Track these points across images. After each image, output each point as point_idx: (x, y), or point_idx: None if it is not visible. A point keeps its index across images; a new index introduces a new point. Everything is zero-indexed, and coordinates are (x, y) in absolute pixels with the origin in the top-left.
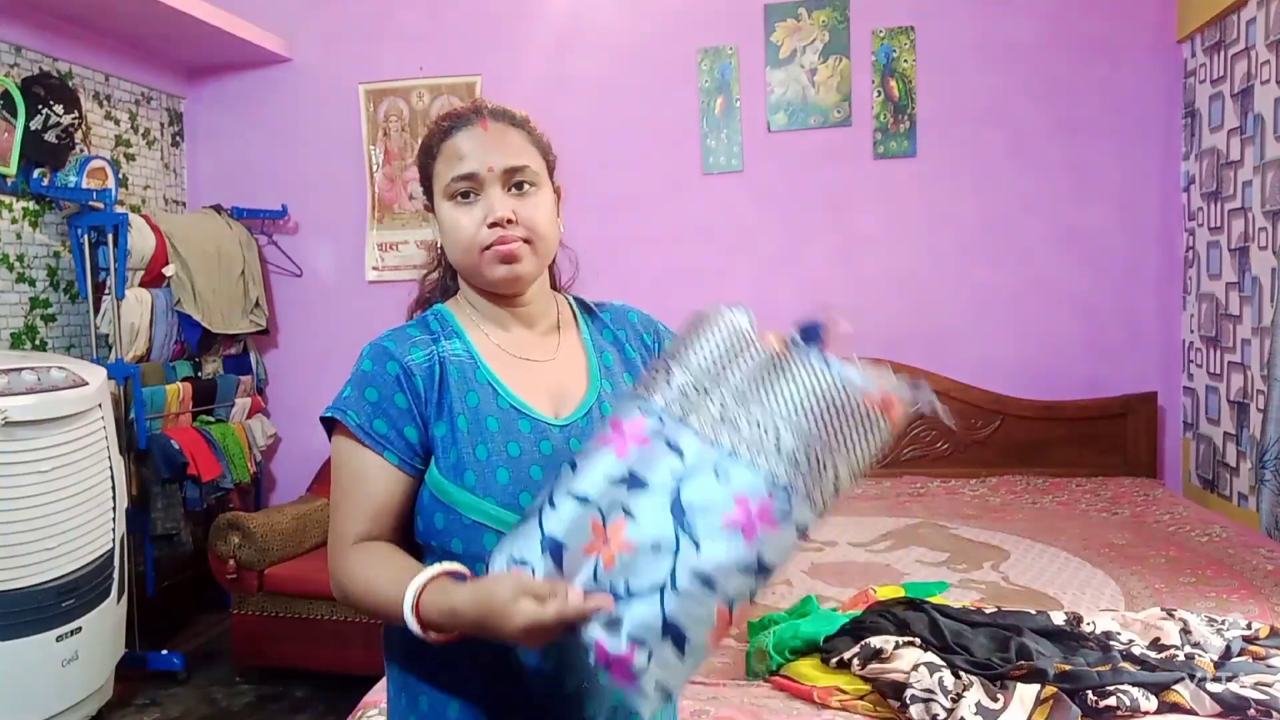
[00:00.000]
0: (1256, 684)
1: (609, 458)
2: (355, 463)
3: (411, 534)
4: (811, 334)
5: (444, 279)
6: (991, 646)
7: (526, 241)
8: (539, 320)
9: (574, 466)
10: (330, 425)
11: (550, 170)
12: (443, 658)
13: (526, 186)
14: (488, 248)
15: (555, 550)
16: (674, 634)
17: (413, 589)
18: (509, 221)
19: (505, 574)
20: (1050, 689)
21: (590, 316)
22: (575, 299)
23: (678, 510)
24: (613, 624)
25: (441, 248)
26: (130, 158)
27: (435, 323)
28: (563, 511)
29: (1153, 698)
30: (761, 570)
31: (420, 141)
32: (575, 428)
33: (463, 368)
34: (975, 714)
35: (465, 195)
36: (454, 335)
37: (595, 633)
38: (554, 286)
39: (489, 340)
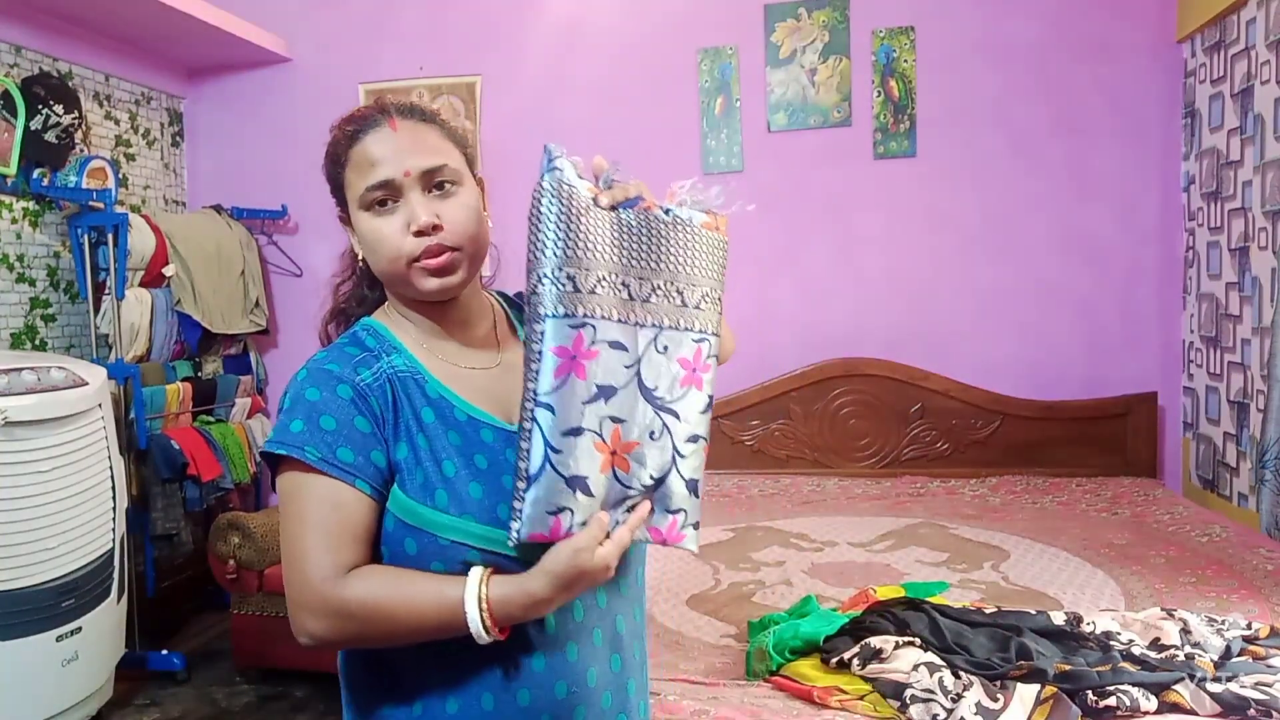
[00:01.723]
0: (1256, 684)
1: (576, 384)
2: (323, 493)
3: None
4: (630, 202)
5: (361, 288)
6: (991, 646)
7: (456, 249)
8: (477, 322)
9: (551, 410)
10: (275, 461)
11: (471, 164)
12: (421, 684)
13: (448, 186)
14: (415, 260)
15: (582, 485)
16: (694, 488)
17: (474, 591)
18: (434, 228)
19: (566, 543)
20: (1050, 689)
21: (519, 312)
22: (500, 295)
23: (647, 395)
24: (652, 510)
25: (362, 258)
26: (130, 158)
27: (370, 338)
28: (567, 451)
29: (1153, 698)
30: (710, 405)
31: (325, 149)
32: None
33: (411, 383)
34: (975, 714)
35: (383, 203)
36: (394, 350)
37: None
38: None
39: (430, 352)
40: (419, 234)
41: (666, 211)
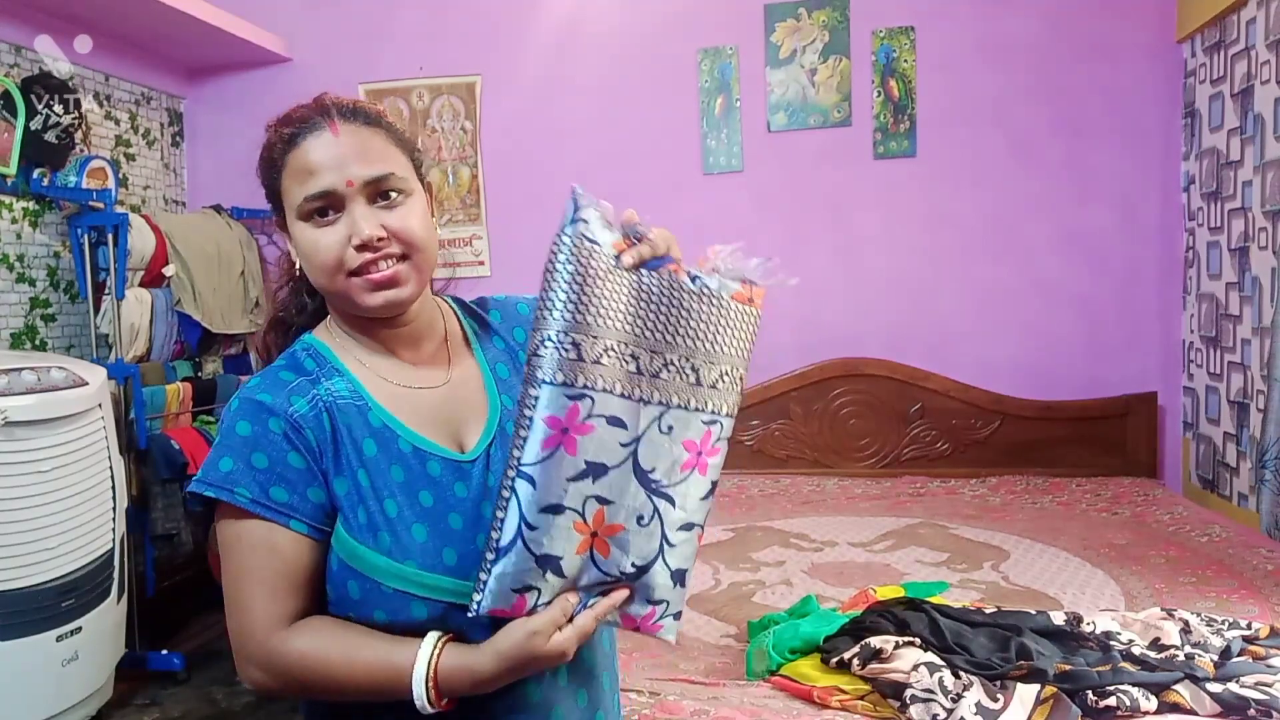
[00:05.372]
0: (1256, 684)
1: (564, 459)
2: (258, 536)
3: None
4: (657, 261)
5: (301, 295)
6: (991, 646)
7: (404, 258)
8: (426, 338)
9: (533, 482)
10: (207, 502)
11: (419, 168)
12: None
13: (394, 195)
14: (355, 273)
15: (554, 565)
16: (680, 578)
17: (423, 666)
18: (380, 240)
19: (521, 623)
20: (1050, 689)
21: (476, 322)
22: (456, 302)
23: (641, 477)
24: (630, 597)
25: (299, 265)
26: (130, 158)
27: (309, 360)
28: (543, 528)
29: (1153, 698)
30: (713, 491)
31: (260, 150)
32: (486, 459)
33: (352, 412)
34: (975, 714)
35: (323, 213)
36: (335, 374)
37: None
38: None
39: (374, 374)
40: (362, 248)
41: (694, 279)
